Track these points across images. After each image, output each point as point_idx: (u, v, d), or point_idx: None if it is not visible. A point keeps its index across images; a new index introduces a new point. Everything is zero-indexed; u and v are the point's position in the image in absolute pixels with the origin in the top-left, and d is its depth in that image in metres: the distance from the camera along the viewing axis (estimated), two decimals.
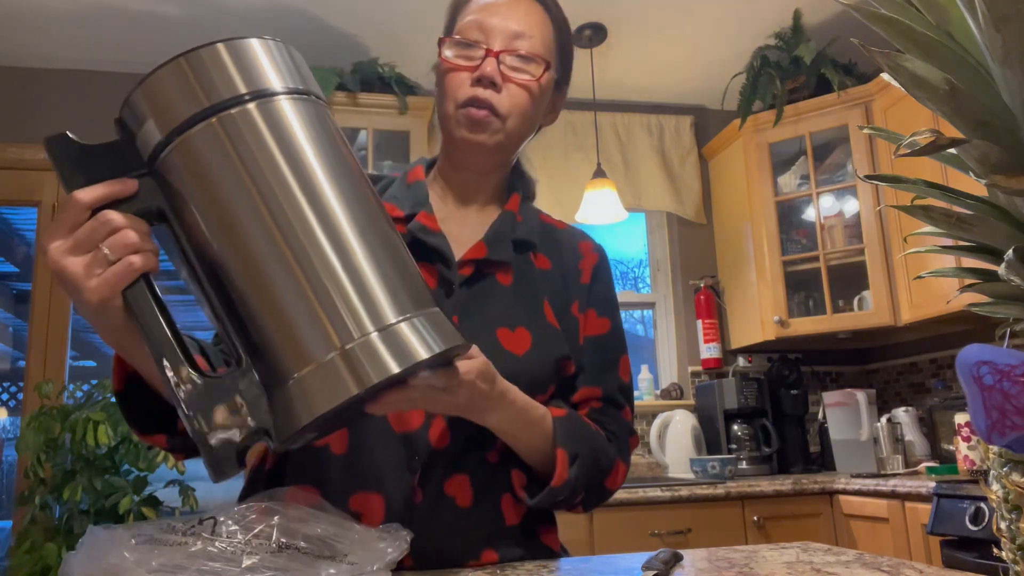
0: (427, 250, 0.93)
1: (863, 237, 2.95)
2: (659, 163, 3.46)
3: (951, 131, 0.52)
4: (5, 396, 5.51)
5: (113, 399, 2.35)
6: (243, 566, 0.59)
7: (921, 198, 0.57)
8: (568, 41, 1.03)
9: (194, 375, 0.58)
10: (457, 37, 0.94)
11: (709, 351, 3.34)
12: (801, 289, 3.18)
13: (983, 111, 0.51)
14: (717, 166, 3.49)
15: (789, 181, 3.21)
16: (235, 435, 0.58)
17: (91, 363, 6.28)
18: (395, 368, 0.57)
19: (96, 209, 0.60)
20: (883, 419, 2.79)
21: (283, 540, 0.63)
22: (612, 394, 1.00)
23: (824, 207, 3.11)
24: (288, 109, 0.62)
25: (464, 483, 0.87)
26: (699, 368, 3.39)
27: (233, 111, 0.60)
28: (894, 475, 2.59)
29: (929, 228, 0.57)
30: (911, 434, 2.86)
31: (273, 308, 0.58)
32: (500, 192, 1.04)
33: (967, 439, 2.29)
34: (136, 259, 0.59)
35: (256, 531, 0.63)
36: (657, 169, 3.45)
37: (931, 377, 3.18)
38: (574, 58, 1.07)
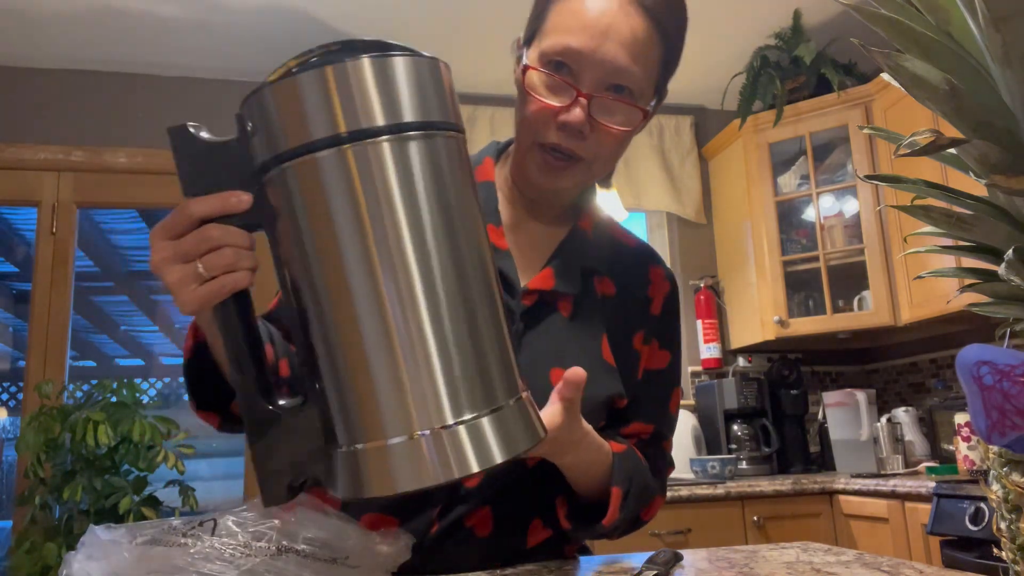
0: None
1: (863, 237, 2.95)
2: (659, 163, 3.46)
3: (951, 131, 0.52)
4: (5, 396, 5.51)
5: (114, 399, 2.36)
6: (243, 568, 0.59)
7: (921, 198, 0.57)
8: (677, 48, 0.91)
9: (262, 403, 0.58)
10: (542, 69, 0.83)
11: (709, 351, 3.34)
12: (801, 289, 3.18)
13: (983, 111, 0.51)
14: (717, 166, 3.49)
15: (789, 181, 3.21)
16: (288, 474, 0.58)
17: (91, 363, 6.28)
18: (468, 470, 0.54)
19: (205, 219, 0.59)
20: (883, 419, 2.79)
21: (283, 542, 0.63)
22: (662, 429, 0.96)
23: (824, 207, 3.11)
24: (424, 152, 0.56)
25: (486, 515, 0.85)
26: (699, 368, 3.39)
27: (368, 143, 0.54)
28: (894, 475, 2.59)
29: (929, 228, 0.57)
30: (911, 434, 2.86)
31: (355, 367, 0.55)
32: (572, 203, 0.96)
33: (967, 439, 2.29)
34: (228, 279, 0.58)
35: (256, 533, 0.63)
36: (657, 169, 3.45)
37: (931, 377, 3.18)
38: None
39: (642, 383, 0.94)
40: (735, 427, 3.06)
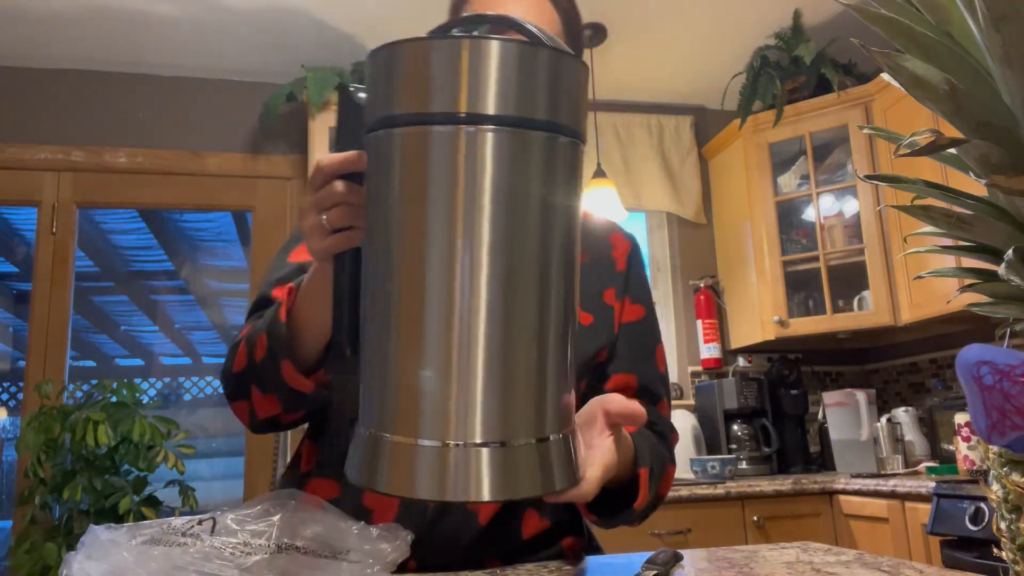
0: None
1: (863, 237, 2.95)
2: (659, 163, 3.46)
3: (951, 131, 0.52)
4: (5, 396, 5.51)
5: (114, 399, 2.36)
6: (243, 567, 0.59)
7: (921, 198, 0.57)
8: (578, 29, 0.96)
9: (347, 345, 0.62)
10: None
11: (709, 351, 3.34)
12: (801, 289, 3.18)
13: (983, 111, 0.51)
14: (717, 166, 3.49)
15: (789, 181, 3.21)
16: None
17: (91, 363, 6.28)
18: (482, 496, 0.51)
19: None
20: (883, 419, 2.79)
21: (283, 540, 0.63)
22: (649, 384, 0.96)
23: (824, 207, 3.11)
24: (540, 153, 0.53)
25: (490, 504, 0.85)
26: (699, 368, 3.39)
27: (483, 128, 0.52)
28: (894, 475, 2.59)
29: (929, 228, 0.57)
30: (911, 434, 2.86)
31: (407, 353, 0.52)
32: None
33: (967, 439, 2.29)
34: (351, 235, 0.65)
35: (256, 531, 0.63)
36: (657, 169, 3.45)
37: (931, 377, 3.18)
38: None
39: (619, 336, 0.97)
40: (735, 427, 3.06)
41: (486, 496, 0.51)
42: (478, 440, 0.51)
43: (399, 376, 0.53)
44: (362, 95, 0.60)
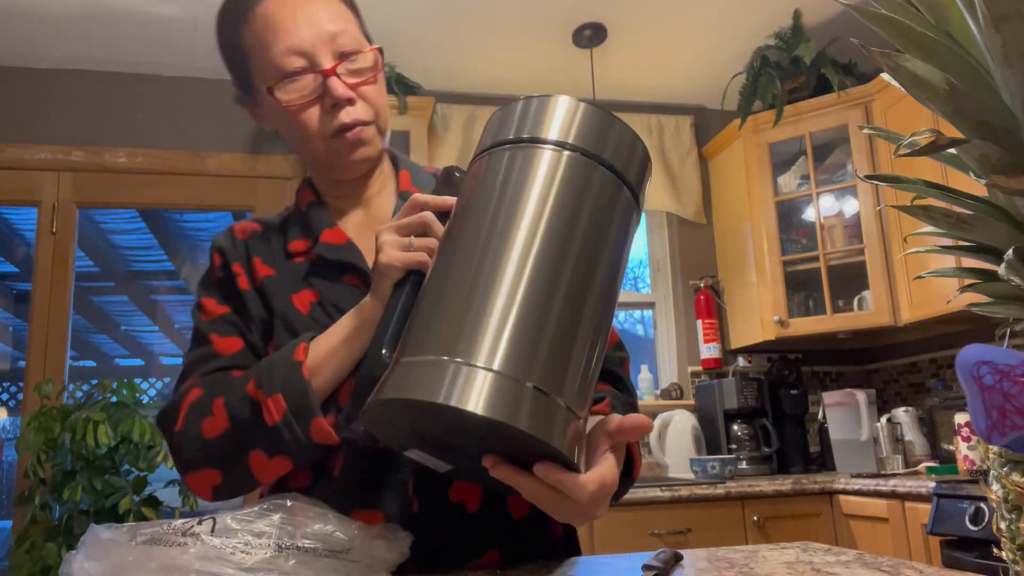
0: (341, 267, 0.91)
1: (863, 237, 2.95)
2: (659, 163, 3.46)
3: (951, 131, 0.52)
4: (5, 396, 5.51)
5: (114, 399, 2.36)
6: (243, 567, 0.59)
7: (921, 198, 0.57)
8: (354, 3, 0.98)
9: (382, 354, 0.66)
10: (286, 73, 0.87)
11: (709, 351, 3.34)
12: (801, 289, 3.18)
13: (983, 111, 0.51)
14: (717, 166, 3.49)
15: (789, 181, 3.21)
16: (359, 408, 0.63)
17: (91, 363, 6.29)
18: (490, 413, 0.53)
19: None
20: (883, 419, 2.79)
21: (283, 540, 0.63)
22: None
23: (824, 207, 3.11)
24: (598, 177, 0.64)
25: (475, 488, 0.85)
26: (699, 368, 3.39)
27: (549, 147, 0.64)
28: (894, 475, 2.59)
29: (929, 228, 0.57)
30: (911, 434, 2.86)
31: (445, 298, 0.59)
32: (388, 177, 1.01)
33: (967, 439, 2.29)
34: (424, 258, 0.73)
35: (256, 531, 0.63)
36: (657, 169, 3.45)
37: (931, 377, 3.18)
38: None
39: None
40: (735, 427, 3.06)
41: (481, 408, 0.53)
42: (496, 367, 0.54)
43: (430, 313, 0.60)
44: (459, 174, 0.78)
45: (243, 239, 0.97)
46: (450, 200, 0.74)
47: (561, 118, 0.65)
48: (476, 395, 0.53)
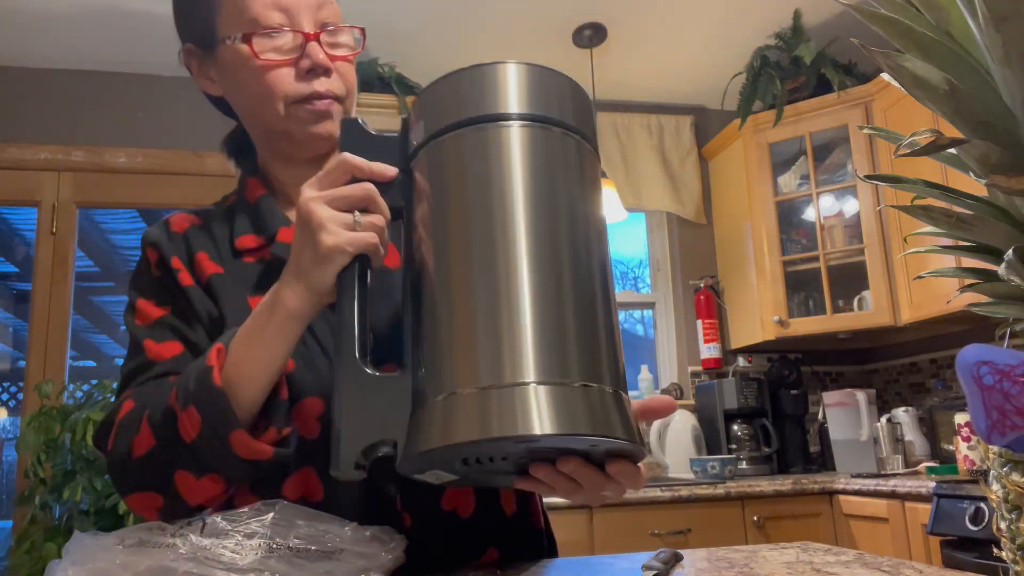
0: None
1: (863, 237, 2.95)
2: (659, 163, 3.46)
3: (951, 131, 0.52)
4: (5, 396, 5.51)
5: (114, 399, 2.36)
6: (234, 567, 0.59)
7: (921, 198, 0.57)
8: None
9: (358, 363, 0.59)
10: (266, 26, 0.82)
11: (709, 351, 3.34)
12: (801, 289, 3.18)
13: (983, 111, 0.51)
14: (717, 166, 3.49)
15: (789, 181, 3.21)
16: (362, 438, 0.57)
17: (91, 363, 6.28)
18: (557, 429, 0.51)
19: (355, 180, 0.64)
20: (883, 419, 2.79)
21: (275, 541, 0.62)
22: None
23: (824, 207, 3.11)
24: (558, 144, 0.61)
25: (466, 492, 0.83)
26: (699, 368, 3.39)
27: (503, 123, 0.60)
28: (894, 475, 2.59)
29: (929, 228, 0.57)
30: (911, 434, 2.86)
31: (454, 317, 0.56)
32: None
33: (967, 439, 2.29)
34: (375, 240, 0.63)
35: (247, 532, 0.62)
36: (657, 169, 3.45)
37: (931, 377, 3.18)
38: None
39: None
40: (735, 427, 3.06)
41: (549, 428, 0.51)
42: (539, 378, 0.53)
43: (448, 340, 0.56)
44: (364, 125, 0.67)
45: (181, 232, 0.88)
46: (390, 170, 0.65)
47: (515, 88, 0.61)
48: (537, 416, 0.51)
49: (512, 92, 0.61)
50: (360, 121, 0.66)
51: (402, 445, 0.56)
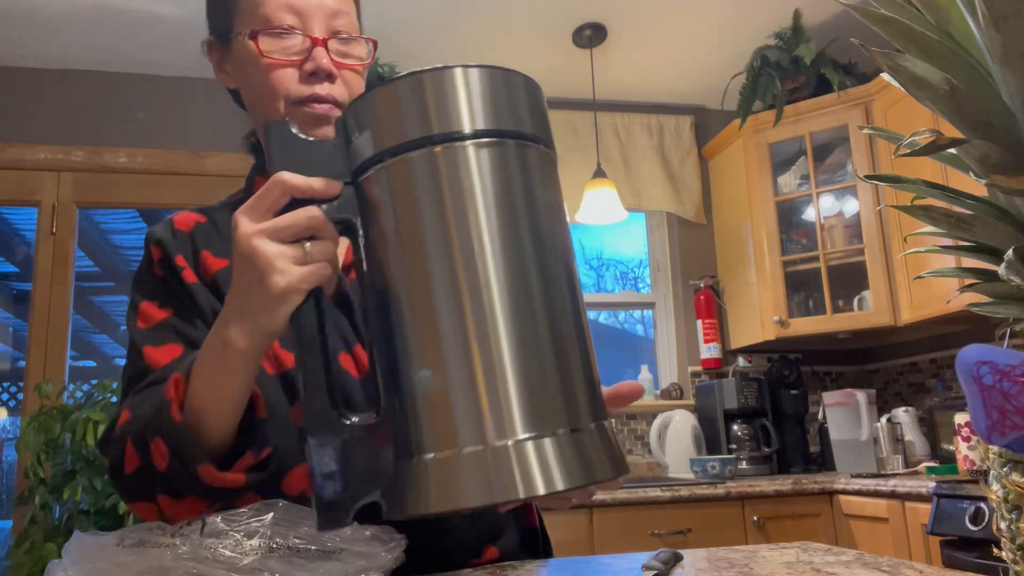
0: None
1: (863, 237, 2.95)
2: (659, 163, 3.46)
3: (951, 131, 0.52)
4: (5, 396, 5.51)
5: (114, 399, 2.36)
6: (234, 567, 0.59)
7: (921, 198, 0.57)
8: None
9: (335, 416, 0.55)
10: (276, 26, 0.83)
11: (709, 351, 3.34)
12: (801, 289, 3.18)
13: (983, 111, 0.51)
14: (717, 166, 3.49)
15: (789, 181, 3.21)
16: (345, 496, 0.54)
17: (91, 363, 6.28)
18: (551, 489, 0.50)
19: (298, 202, 0.57)
20: (883, 419, 2.79)
21: (275, 540, 0.62)
22: None
23: (824, 207, 3.11)
24: (515, 159, 0.56)
25: None
26: (699, 368, 3.39)
27: (458, 145, 0.55)
28: (894, 475, 2.59)
29: (929, 228, 0.57)
30: (911, 434, 2.86)
31: (432, 370, 0.52)
32: None
33: (967, 439, 2.29)
34: (329, 271, 0.57)
35: (247, 531, 0.62)
36: (657, 169, 3.45)
37: (931, 377, 3.18)
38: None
39: None
40: (735, 427, 3.06)
41: (547, 488, 0.50)
42: (529, 433, 0.51)
43: (429, 393, 0.53)
44: (294, 130, 0.60)
45: (187, 231, 0.88)
46: (333, 187, 0.58)
47: (467, 98, 0.56)
48: (535, 476, 0.50)
49: (464, 105, 0.55)
50: (289, 123, 0.59)
51: (389, 495, 0.54)
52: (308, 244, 0.57)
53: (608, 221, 3.08)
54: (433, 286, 0.53)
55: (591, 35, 2.98)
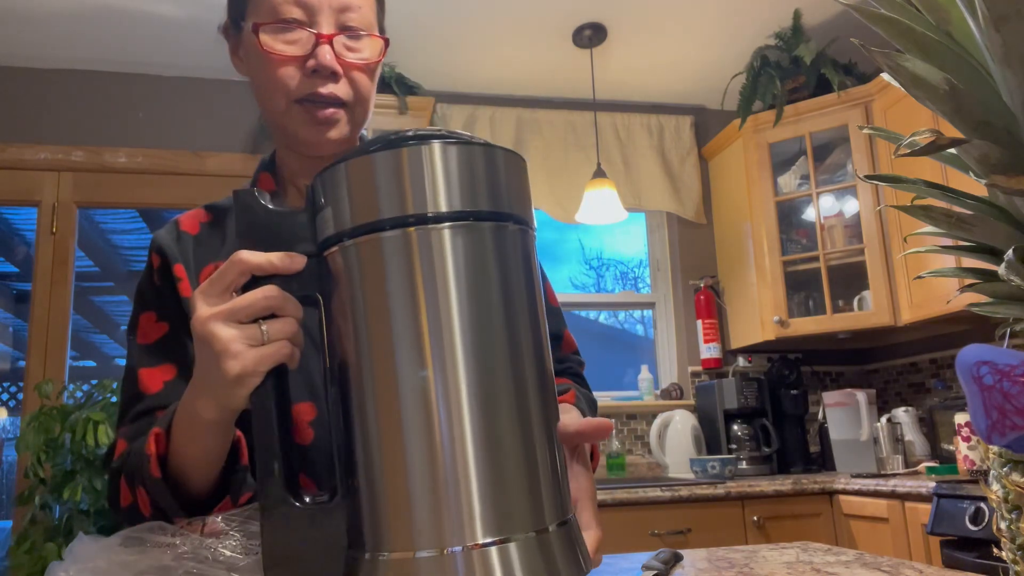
0: None
1: (863, 237, 2.95)
2: (659, 163, 3.46)
3: (951, 131, 0.52)
4: (5, 396, 5.51)
5: (114, 399, 2.36)
6: (234, 567, 0.59)
7: (921, 198, 0.57)
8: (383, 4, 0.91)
9: (289, 499, 0.54)
10: (281, 18, 0.81)
11: (709, 351, 3.34)
12: (801, 289, 3.18)
13: (983, 111, 0.51)
14: (717, 166, 3.49)
15: (789, 181, 3.21)
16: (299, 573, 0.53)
17: (91, 363, 6.28)
18: None
19: (259, 279, 0.56)
20: (883, 419, 2.79)
21: None
22: (553, 329, 0.97)
23: (824, 207, 3.11)
24: (490, 243, 0.54)
25: None
26: (699, 368, 3.39)
27: (432, 228, 0.52)
28: (894, 475, 2.59)
29: (929, 228, 0.57)
30: (911, 434, 2.86)
31: (391, 465, 0.51)
32: None
33: (967, 439, 2.29)
34: (289, 350, 0.56)
35: (248, 532, 0.62)
36: (657, 169, 3.45)
37: (931, 377, 3.18)
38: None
39: None
40: (735, 427, 3.06)
41: None
42: (474, 542, 0.49)
43: (387, 492, 0.51)
44: (268, 202, 0.58)
45: (193, 234, 0.86)
46: (297, 262, 0.56)
47: (444, 177, 0.53)
48: None
49: (441, 184, 0.53)
50: (257, 192, 0.57)
51: None
52: (264, 326, 0.55)
53: (608, 221, 3.08)
54: (398, 372, 0.51)
55: (591, 35, 2.98)
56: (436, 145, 0.53)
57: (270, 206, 0.57)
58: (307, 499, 0.54)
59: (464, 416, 0.50)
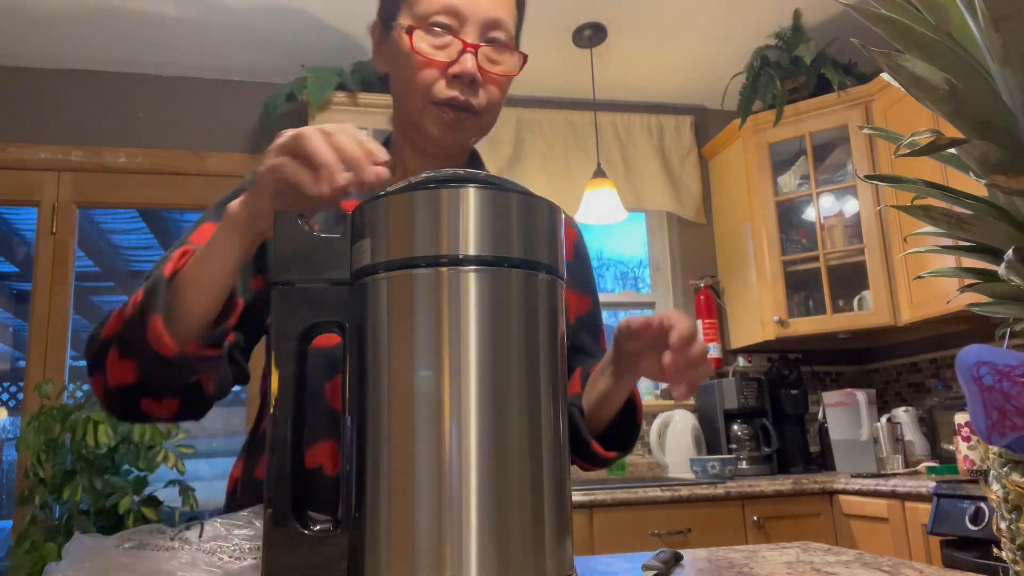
0: None
1: (863, 237, 2.95)
2: (659, 163, 3.46)
3: (951, 131, 0.52)
4: (5, 396, 5.51)
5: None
6: (231, 571, 0.59)
7: (921, 198, 0.57)
8: (524, 4, 0.97)
9: (292, 521, 0.54)
10: (433, 24, 0.87)
11: (709, 351, 3.33)
12: (801, 289, 3.18)
13: (983, 111, 0.51)
14: (717, 166, 3.49)
15: (789, 181, 3.21)
16: None
17: None
18: None
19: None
20: (883, 419, 2.79)
21: None
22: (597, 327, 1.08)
23: (824, 207, 3.11)
24: (517, 289, 0.55)
25: None
26: None
27: (463, 269, 0.54)
28: (894, 475, 2.59)
29: (929, 228, 0.57)
30: (911, 434, 2.86)
31: (399, 501, 0.51)
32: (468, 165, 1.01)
33: (967, 439, 2.29)
34: (385, 172, 0.65)
35: (244, 535, 0.62)
36: (657, 169, 3.45)
37: (931, 377, 3.18)
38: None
39: (577, 328, 1.03)
40: (735, 427, 3.06)
41: None
42: None
43: (392, 526, 0.52)
44: (307, 226, 0.60)
45: None
46: (381, 172, 0.65)
47: (478, 222, 0.54)
48: None
49: (475, 229, 0.54)
50: (298, 217, 0.59)
51: None
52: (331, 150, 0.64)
53: (608, 221, 3.08)
54: (416, 407, 0.52)
55: (591, 35, 2.98)
56: (473, 191, 0.55)
57: (308, 230, 0.59)
58: (314, 528, 0.55)
59: (472, 462, 0.51)
